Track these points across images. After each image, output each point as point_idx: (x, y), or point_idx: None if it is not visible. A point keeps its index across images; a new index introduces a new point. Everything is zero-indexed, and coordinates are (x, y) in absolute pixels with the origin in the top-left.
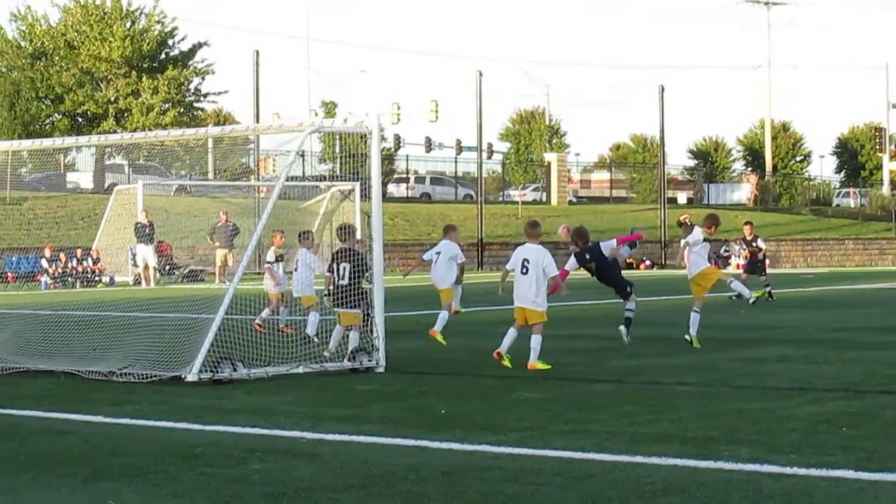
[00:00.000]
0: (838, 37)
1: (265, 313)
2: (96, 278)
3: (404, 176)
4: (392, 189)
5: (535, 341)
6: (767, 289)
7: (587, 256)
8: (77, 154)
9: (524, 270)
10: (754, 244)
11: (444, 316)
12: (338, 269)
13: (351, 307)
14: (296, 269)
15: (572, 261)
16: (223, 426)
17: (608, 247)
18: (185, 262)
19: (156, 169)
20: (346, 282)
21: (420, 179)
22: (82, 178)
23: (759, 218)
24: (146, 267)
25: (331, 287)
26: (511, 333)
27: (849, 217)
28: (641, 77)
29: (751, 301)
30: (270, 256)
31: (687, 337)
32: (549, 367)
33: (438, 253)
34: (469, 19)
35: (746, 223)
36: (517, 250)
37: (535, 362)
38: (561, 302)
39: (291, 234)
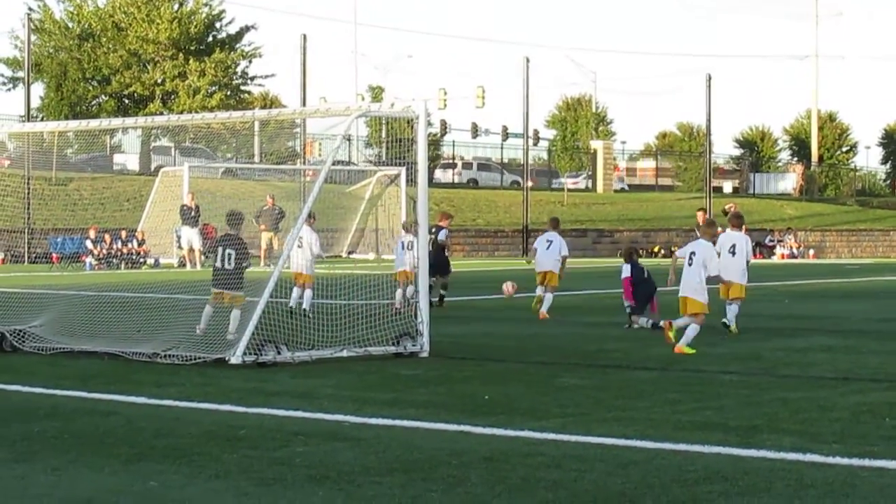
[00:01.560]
0: (886, 27)
1: (399, 294)
2: (141, 260)
3: (451, 161)
4: (438, 174)
5: (692, 329)
6: None
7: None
8: (123, 135)
9: (690, 262)
10: None
11: (548, 298)
12: (223, 254)
13: (236, 289)
14: (299, 247)
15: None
16: (266, 409)
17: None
18: None
19: (202, 151)
20: (231, 267)
21: (467, 165)
22: (128, 159)
23: (805, 208)
24: (191, 249)
25: (214, 269)
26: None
27: (895, 208)
28: (688, 66)
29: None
30: (406, 238)
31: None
32: (694, 350)
33: (550, 241)
34: (516, 5)
35: (700, 209)
36: (689, 244)
37: (682, 346)
38: (605, 289)
39: (336, 218)
